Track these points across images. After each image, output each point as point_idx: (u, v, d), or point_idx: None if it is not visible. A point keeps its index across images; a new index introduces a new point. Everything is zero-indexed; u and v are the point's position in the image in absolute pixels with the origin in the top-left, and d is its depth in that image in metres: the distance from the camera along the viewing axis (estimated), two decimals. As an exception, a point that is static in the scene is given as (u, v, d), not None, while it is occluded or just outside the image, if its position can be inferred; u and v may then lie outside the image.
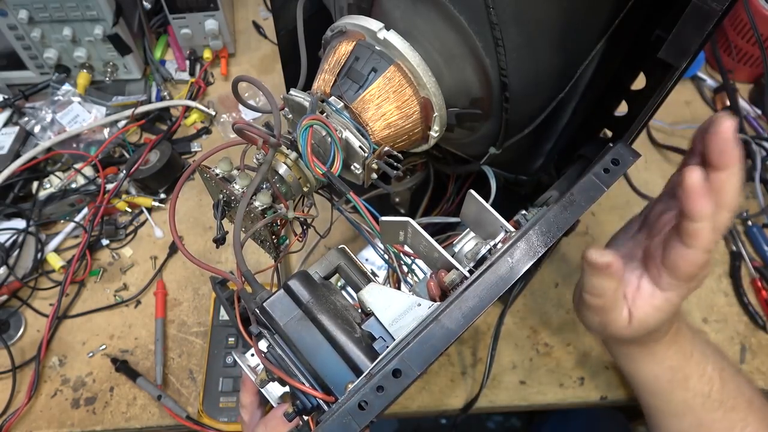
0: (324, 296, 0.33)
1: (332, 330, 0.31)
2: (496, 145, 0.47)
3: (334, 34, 0.45)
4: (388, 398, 0.27)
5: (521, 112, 0.43)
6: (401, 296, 0.33)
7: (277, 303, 0.32)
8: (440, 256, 0.33)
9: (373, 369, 0.29)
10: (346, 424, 0.27)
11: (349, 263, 0.38)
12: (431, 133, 0.45)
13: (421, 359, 0.28)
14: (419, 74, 0.41)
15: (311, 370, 0.31)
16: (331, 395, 0.30)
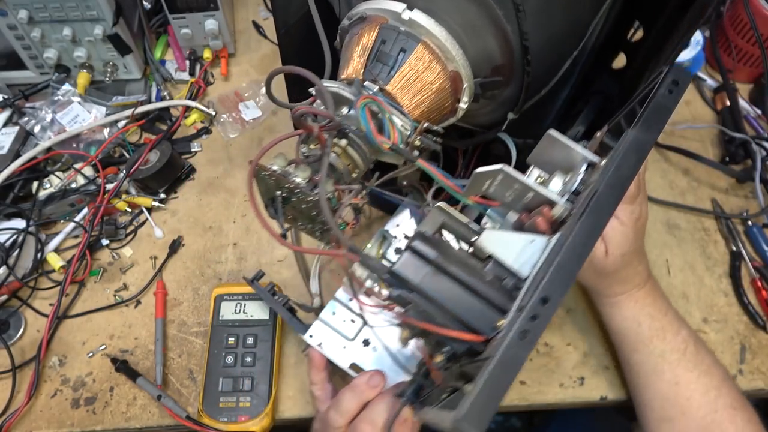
0: (446, 250, 0.35)
1: (465, 278, 0.33)
2: (515, 109, 0.49)
3: (354, 21, 0.46)
4: (542, 326, 0.29)
5: (539, 73, 0.46)
6: (515, 237, 0.35)
7: (407, 264, 0.34)
8: (537, 195, 0.35)
9: (522, 302, 0.31)
10: (514, 354, 0.29)
11: (451, 218, 0.39)
12: (460, 105, 0.47)
13: (562, 284, 0.30)
14: (447, 48, 0.43)
15: (455, 317, 0.33)
16: (480, 335, 0.32)
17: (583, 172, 0.36)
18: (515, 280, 0.34)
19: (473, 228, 0.39)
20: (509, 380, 0.28)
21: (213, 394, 0.61)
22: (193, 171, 0.79)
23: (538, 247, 0.34)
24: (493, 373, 0.28)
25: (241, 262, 0.72)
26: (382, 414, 0.47)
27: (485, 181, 0.37)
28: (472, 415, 0.27)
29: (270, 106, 0.83)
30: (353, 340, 0.54)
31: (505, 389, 0.28)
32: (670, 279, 0.71)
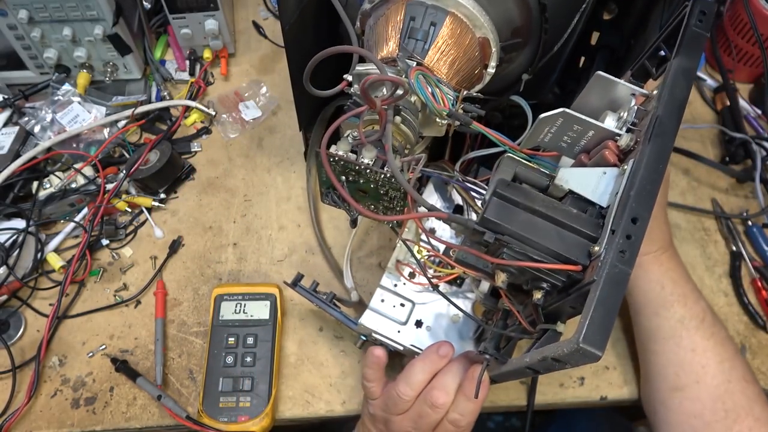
0: (527, 192, 0.37)
1: (553, 214, 0.35)
2: (530, 69, 0.53)
3: (377, 3, 0.48)
4: (637, 244, 0.31)
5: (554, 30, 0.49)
6: (588, 171, 0.37)
7: (496, 209, 0.36)
8: (598, 132, 0.37)
9: (612, 225, 0.33)
10: (618, 271, 0.30)
11: (522, 166, 0.41)
12: (488, 70, 0.49)
13: (647, 204, 0.32)
14: (475, 16, 0.46)
15: (549, 251, 0.34)
16: (576, 264, 0.34)
17: (635, 105, 0.38)
18: (597, 210, 0.36)
19: (544, 171, 0.41)
20: (619, 297, 0.30)
21: (213, 394, 0.61)
22: (193, 171, 0.79)
23: (611, 177, 0.36)
24: (603, 292, 0.30)
25: (241, 262, 0.72)
26: (455, 379, 0.49)
27: (545, 127, 0.38)
28: (593, 335, 0.28)
29: (270, 106, 0.83)
30: (406, 324, 0.55)
31: (617, 306, 0.30)
32: (670, 279, 0.71)
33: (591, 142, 0.38)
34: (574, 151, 0.40)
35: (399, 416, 0.51)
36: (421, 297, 0.56)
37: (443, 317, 0.56)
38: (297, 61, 0.59)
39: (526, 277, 0.37)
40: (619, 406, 0.66)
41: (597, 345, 0.28)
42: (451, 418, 0.49)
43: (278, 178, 0.79)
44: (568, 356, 0.30)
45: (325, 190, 0.49)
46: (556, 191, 0.38)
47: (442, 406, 0.48)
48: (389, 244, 0.73)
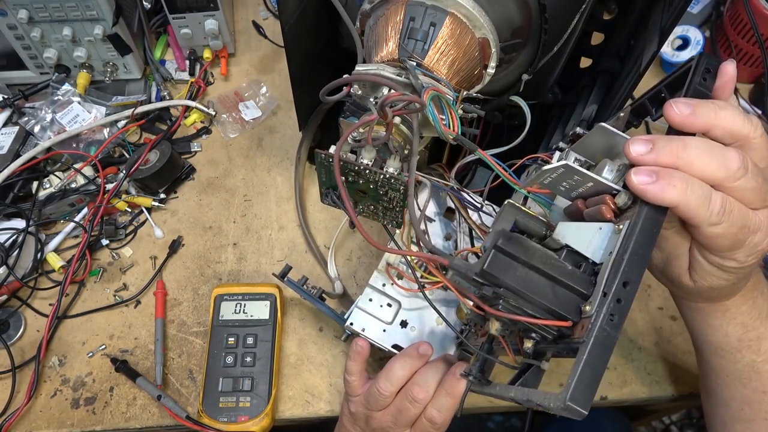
0: (526, 245, 0.37)
1: (549, 270, 0.36)
2: (530, 69, 0.53)
3: (376, 3, 0.48)
4: (627, 307, 0.32)
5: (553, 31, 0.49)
6: (584, 226, 0.38)
7: (495, 263, 0.37)
8: (597, 185, 0.38)
9: (604, 287, 0.33)
10: (606, 335, 0.32)
11: (522, 214, 0.42)
12: (488, 70, 0.49)
13: (638, 268, 0.33)
14: (475, 16, 0.46)
15: (544, 306, 0.36)
16: (567, 320, 0.35)
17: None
18: (590, 265, 0.37)
19: (544, 221, 0.42)
20: (606, 359, 0.32)
21: (213, 394, 0.61)
22: (193, 171, 0.79)
23: (606, 233, 0.36)
24: (591, 354, 0.31)
25: (241, 262, 0.72)
26: (435, 377, 0.49)
27: (546, 175, 0.39)
28: (580, 395, 0.31)
29: (270, 106, 0.83)
30: (392, 324, 0.57)
31: (603, 368, 0.32)
32: (670, 279, 0.71)
33: (589, 191, 0.39)
34: (571, 195, 0.41)
35: (379, 412, 0.51)
36: (408, 299, 0.58)
37: (428, 319, 0.58)
38: (297, 61, 0.59)
39: (519, 327, 0.38)
40: (619, 406, 0.66)
41: (582, 404, 0.31)
42: (428, 415, 0.49)
43: (278, 178, 0.79)
44: (553, 409, 0.32)
45: (325, 191, 0.49)
46: (553, 243, 0.39)
47: (421, 401, 0.49)
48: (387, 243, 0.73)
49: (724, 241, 0.37)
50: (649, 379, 0.65)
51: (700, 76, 0.37)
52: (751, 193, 0.36)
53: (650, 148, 0.35)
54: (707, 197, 0.35)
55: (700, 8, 0.87)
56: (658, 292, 0.70)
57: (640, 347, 0.67)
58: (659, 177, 0.34)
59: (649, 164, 0.34)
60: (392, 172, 0.44)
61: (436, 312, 0.52)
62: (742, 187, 0.35)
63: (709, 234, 0.36)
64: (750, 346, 0.48)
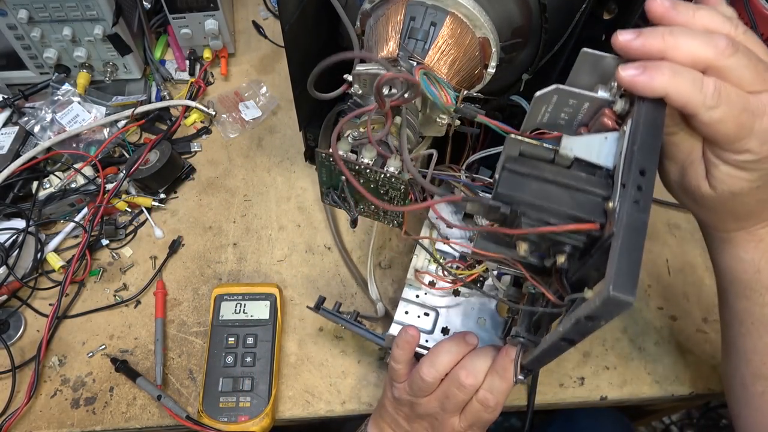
0: (536, 164, 0.37)
1: (563, 179, 0.36)
2: (530, 69, 0.53)
3: (376, 4, 0.48)
4: (649, 193, 0.32)
5: (553, 29, 0.49)
6: (590, 137, 0.37)
7: (508, 182, 0.36)
8: (594, 103, 0.38)
9: (622, 179, 0.33)
10: (635, 218, 0.31)
11: (526, 144, 0.41)
12: (488, 70, 0.49)
13: (650, 155, 0.33)
14: (475, 16, 0.46)
15: (566, 215, 0.35)
16: (594, 223, 0.34)
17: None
18: (604, 172, 0.36)
19: (548, 146, 0.41)
20: (641, 243, 0.30)
21: (213, 394, 0.61)
22: (193, 171, 0.79)
23: (612, 140, 0.36)
24: (624, 240, 0.30)
25: (241, 262, 0.72)
26: (484, 363, 0.48)
27: (542, 106, 0.39)
28: (622, 282, 0.29)
29: (270, 106, 0.83)
30: (432, 332, 0.56)
31: (640, 252, 0.30)
32: (670, 279, 0.71)
33: (587, 114, 0.39)
34: (573, 126, 0.40)
35: (425, 398, 0.50)
36: (444, 304, 0.57)
37: (469, 321, 0.56)
38: (297, 61, 0.59)
39: (547, 244, 0.37)
40: (619, 406, 0.66)
41: (628, 291, 0.28)
42: (480, 397, 0.48)
43: (278, 178, 0.79)
44: (600, 309, 0.30)
45: (325, 190, 0.49)
46: (562, 161, 0.38)
47: (469, 386, 0.47)
48: (389, 243, 0.73)
49: (727, 126, 0.35)
50: (649, 379, 0.65)
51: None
52: (746, 72, 0.34)
53: (637, 35, 0.34)
54: (698, 81, 0.34)
55: (700, 8, 0.87)
56: (658, 291, 0.70)
57: (640, 347, 0.67)
58: (647, 68, 0.33)
59: (636, 50, 0.34)
60: (393, 171, 0.44)
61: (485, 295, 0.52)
62: (734, 65, 0.34)
63: (709, 120, 0.35)
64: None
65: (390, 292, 0.70)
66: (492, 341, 0.55)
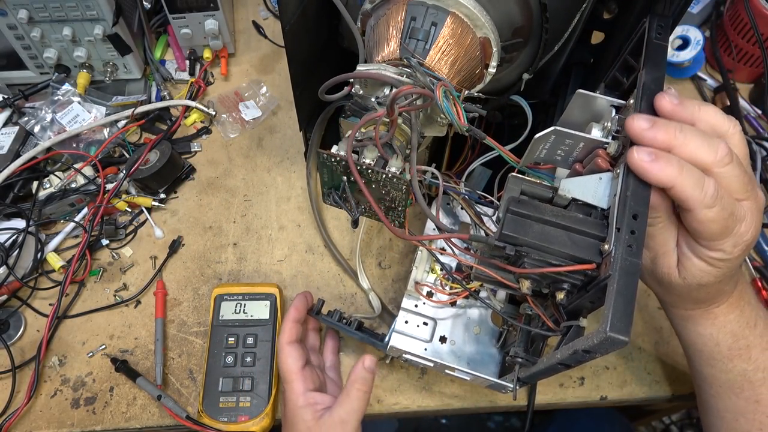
0: (537, 205, 0.40)
1: (562, 221, 0.38)
2: (530, 69, 0.53)
3: (377, 4, 0.48)
4: (641, 237, 0.34)
5: (554, 30, 0.50)
6: (585, 179, 0.40)
7: (513, 224, 0.39)
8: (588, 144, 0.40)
9: (617, 223, 0.36)
10: (629, 263, 0.34)
11: (527, 182, 0.44)
12: (489, 70, 0.50)
13: (643, 200, 0.36)
14: (476, 16, 0.46)
15: (566, 255, 0.38)
16: (591, 263, 0.37)
17: (615, 115, 0.41)
18: (599, 212, 0.39)
19: (547, 184, 0.43)
20: (634, 285, 0.33)
21: (213, 394, 0.61)
22: (193, 171, 0.79)
23: (606, 181, 0.39)
24: (619, 283, 0.33)
25: (241, 262, 0.72)
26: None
27: (540, 145, 0.41)
28: (618, 322, 0.31)
29: (270, 106, 0.83)
30: (431, 341, 0.57)
31: (633, 294, 0.33)
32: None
33: (582, 152, 0.41)
34: (568, 161, 0.43)
35: None
36: (443, 314, 0.58)
37: (465, 331, 0.58)
38: (297, 61, 0.59)
39: (547, 281, 0.40)
40: (619, 406, 0.66)
41: (623, 332, 0.31)
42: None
43: (278, 178, 0.79)
44: (597, 346, 0.33)
45: (327, 191, 0.49)
46: (560, 201, 0.41)
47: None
48: (388, 244, 0.73)
49: (715, 226, 0.38)
50: (649, 379, 0.65)
51: (654, 32, 0.41)
52: (736, 181, 0.38)
53: (652, 124, 0.37)
54: (701, 180, 0.37)
55: (700, 8, 0.87)
56: (658, 292, 0.70)
57: (640, 347, 0.67)
58: (657, 157, 0.36)
59: (649, 139, 0.37)
60: (394, 171, 0.44)
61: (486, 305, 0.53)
62: (729, 174, 0.38)
63: (703, 218, 0.38)
64: (740, 355, 0.48)
65: (390, 292, 0.70)
66: (488, 350, 0.57)
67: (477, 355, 0.56)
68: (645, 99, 0.39)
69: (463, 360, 0.56)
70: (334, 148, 0.45)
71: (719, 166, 0.38)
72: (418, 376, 0.65)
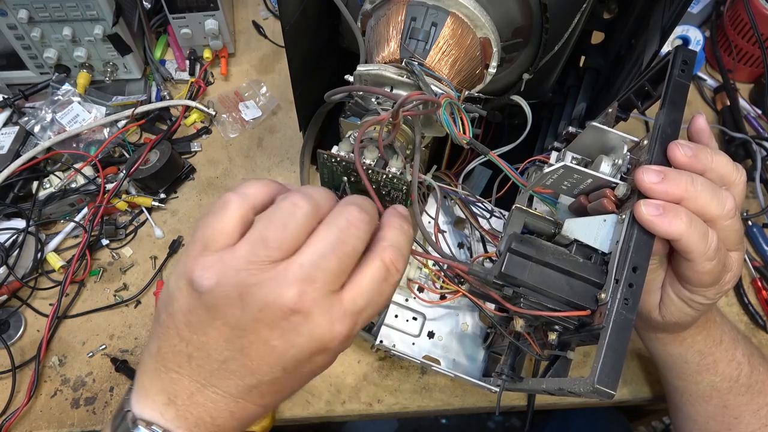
0: (538, 244, 0.39)
1: (562, 265, 0.38)
2: (530, 69, 0.53)
3: (378, 4, 0.48)
4: (639, 291, 0.35)
5: (554, 29, 0.50)
6: (589, 220, 0.40)
7: (512, 265, 0.38)
8: (596, 181, 0.40)
9: (616, 274, 0.36)
10: (623, 318, 0.34)
11: (530, 216, 0.44)
12: (489, 70, 0.50)
13: (645, 253, 0.36)
14: (476, 16, 0.46)
15: (562, 299, 0.38)
16: (585, 309, 0.37)
17: (627, 153, 0.40)
18: (600, 256, 0.39)
19: (552, 220, 0.44)
20: (626, 342, 0.34)
21: (213, 394, 0.61)
22: (193, 171, 0.79)
23: (611, 224, 0.39)
24: (611, 338, 0.33)
25: (241, 262, 0.72)
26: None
27: (548, 177, 0.41)
28: (606, 376, 0.33)
29: (270, 106, 0.83)
30: (419, 336, 0.58)
31: (625, 349, 0.34)
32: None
33: (589, 187, 0.41)
34: (574, 192, 0.43)
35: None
36: (432, 310, 0.59)
37: (454, 327, 0.59)
38: (297, 61, 0.59)
39: (542, 321, 0.40)
40: (619, 406, 0.66)
41: (610, 385, 0.33)
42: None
43: (278, 178, 0.78)
44: (583, 393, 0.34)
45: None
46: (562, 239, 0.41)
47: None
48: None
49: (709, 277, 0.40)
50: (649, 379, 0.65)
51: (678, 69, 0.40)
52: (734, 234, 0.39)
53: (662, 178, 0.37)
54: (707, 233, 0.37)
55: (700, 8, 0.87)
56: (658, 292, 0.70)
57: (640, 348, 0.67)
58: (666, 210, 0.36)
59: (659, 193, 0.36)
60: (395, 172, 0.44)
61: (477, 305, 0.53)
62: (730, 227, 0.39)
63: (702, 269, 0.39)
64: (708, 369, 0.52)
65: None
66: (475, 348, 0.58)
67: (464, 353, 0.57)
68: (659, 143, 0.38)
69: (449, 356, 0.57)
70: (334, 148, 0.45)
71: (724, 220, 0.38)
72: (417, 376, 0.65)
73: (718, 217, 0.38)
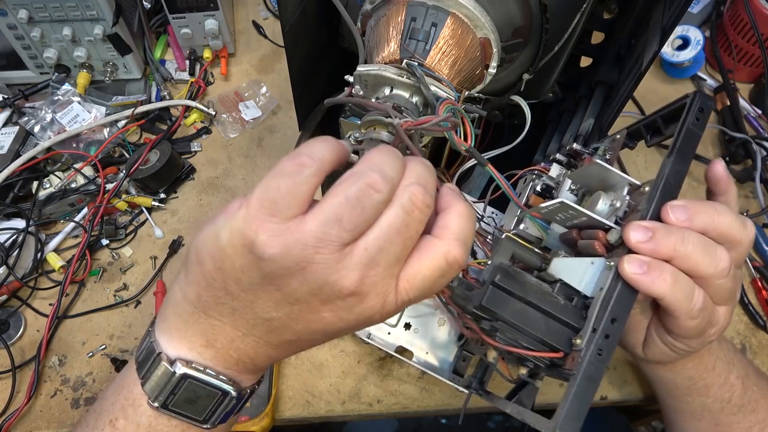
0: (522, 279, 0.39)
1: (543, 305, 0.38)
2: (530, 69, 0.53)
3: (377, 4, 0.48)
4: (614, 343, 0.35)
5: (554, 29, 0.49)
6: (577, 261, 0.40)
7: (493, 298, 0.38)
8: (592, 219, 0.39)
9: (594, 323, 0.36)
10: (594, 368, 0.35)
11: (519, 247, 0.44)
12: (489, 70, 0.49)
13: (625, 305, 0.35)
14: (476, 16, 0.46)
15: (538, 339, 0.38)
16: (559, 352, 0.37)
17: (627, 195, 0.40)
18: (582, 299, 0.38)
19: (540, 254, 0.44)
20: (593, 391, 0.34)
21: (213, 394, 0.61)
22: (193, 171, 0.79)
23: (597, 268, 0.38)
24: (579, 387, 0.34)
25: (241, 262, 0.72)
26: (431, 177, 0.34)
27: (544, 209, 0.41)
28: (568, 425, 0.33)
29: (270, 106, 0.83)
30: (396, 326, 0.60)
31: (590, 400, 0.34)
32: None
33: (584, 223, 0.41)
34: (566, 224, 0.43)
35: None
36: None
37: (431, 322, 0.60)
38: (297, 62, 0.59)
39: (515, 355, 0.40)
40: (619, 405, 0.66)
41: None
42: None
43: (278, 178, 0.79)
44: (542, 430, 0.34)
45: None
46: (547, 276, 0.42)
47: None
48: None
49: (692, 332, 0.40)
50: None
51: (693, 116, 0.39)
52: (725, 292, 0.38)
53: (649, 237, 0.35)
54: (691, 293, 0.37)
55: (700, 8, 0.87)
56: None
57: (640, 347, 0.67)
58: (650, 269, 0.35)
59: (647, 252, 0.35)
60: None
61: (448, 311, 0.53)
62: (722, 286, 0.37)
63: (684, 326, 0.39)
64: (699, 392, 0.51)
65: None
66: (448, 342, 0.59)
67: (437, 347, 0.59)
68: (660, 195, 0.37)
69: (423, 349, 0.58)
70: None
71: (716, 279, 0.37)
72: (418, 376, 0.65)
73: (710, 276, 0.37)
